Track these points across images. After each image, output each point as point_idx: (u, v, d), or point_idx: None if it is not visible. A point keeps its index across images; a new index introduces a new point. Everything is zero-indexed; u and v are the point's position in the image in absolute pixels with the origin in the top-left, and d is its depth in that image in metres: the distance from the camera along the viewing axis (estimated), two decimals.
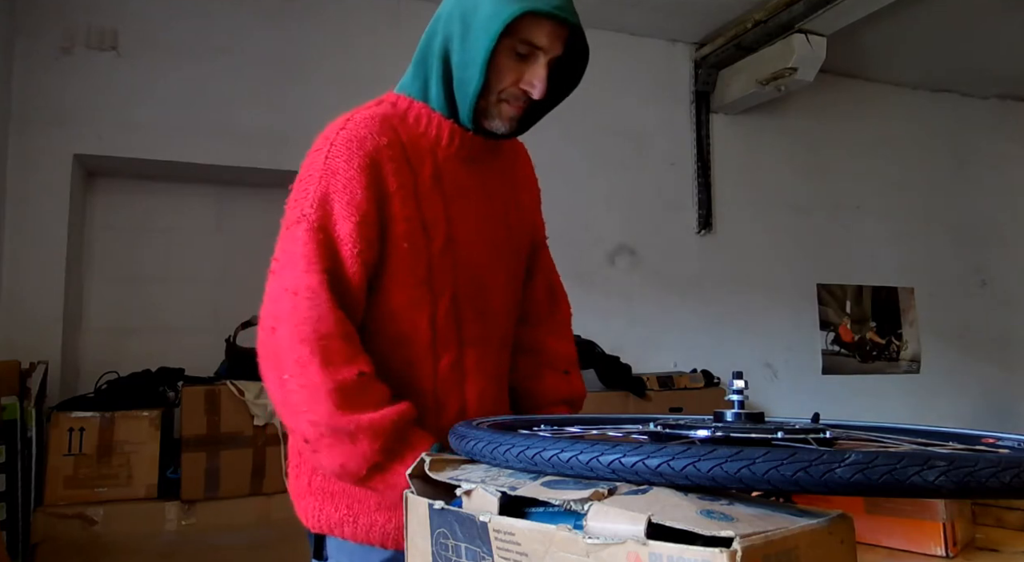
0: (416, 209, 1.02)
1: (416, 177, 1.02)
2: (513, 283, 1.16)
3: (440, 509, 0.74)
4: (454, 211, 1.05)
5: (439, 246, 1.03)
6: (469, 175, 1.08)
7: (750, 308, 3.67)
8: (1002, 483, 0.59)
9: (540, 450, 0.71)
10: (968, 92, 4.37)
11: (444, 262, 1.04)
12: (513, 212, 1.16)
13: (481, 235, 1.09)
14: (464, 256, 1.06)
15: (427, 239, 1.02)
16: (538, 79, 1.02)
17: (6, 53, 2.70)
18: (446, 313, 1.05)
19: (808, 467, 0.59)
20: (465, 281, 1.06)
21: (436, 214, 1.03)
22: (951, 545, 0.89)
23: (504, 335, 1.15)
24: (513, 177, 1.19)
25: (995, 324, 4.25)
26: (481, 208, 1.10)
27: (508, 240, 1.14)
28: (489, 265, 1.10)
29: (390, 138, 1.02)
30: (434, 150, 1.05)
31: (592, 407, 2.91)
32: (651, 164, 3.61)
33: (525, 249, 1.21)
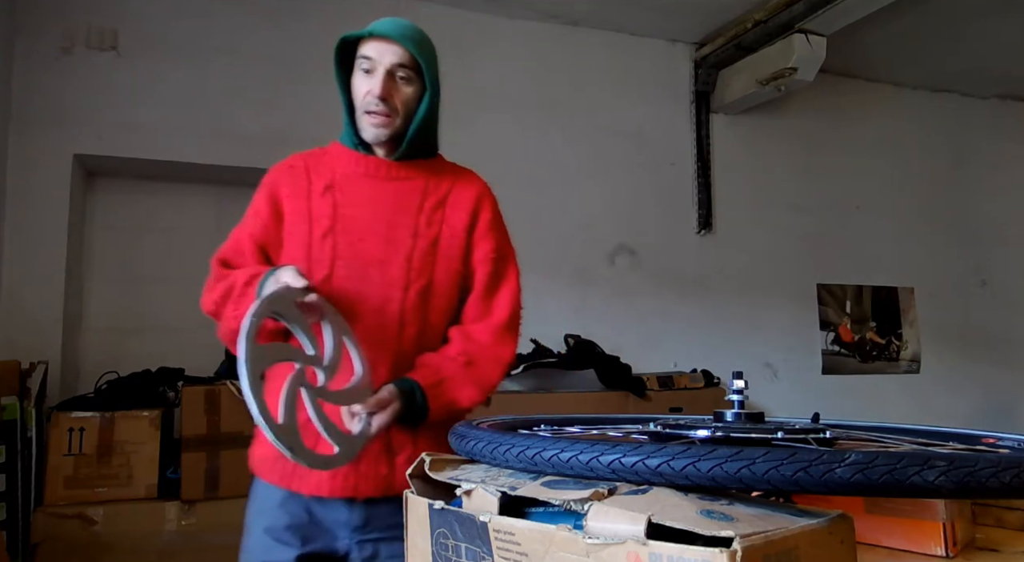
0: (305, 207, 1.32)
1: (310, 185, 1.34)
2: (419, 287, 1.31)
3: (440, 509, 0.74)
4: (343, 212, 1.31)
5: (319, 234, 1.30)
6: (370, 189, 1.33)
7: (750, 308, 3.67)
8: (1002, 483, 0.59)
9: (540, 450, 0.71)
10: (968, 92, 4.37)
11: (323, 247, 1.29)
12: (427, 226, 1.34)
13: (374, 234, 1.30)
14: (346, 246, 1.29)
15: (309, 228, 1.30)
16: (375, 84, 1.28)
17: (6, 53, 2.70)
18: (319, 287, 1.26)
19: (808, 467, 0.59)
20: (344, 266, 1.28)
21: (322, 212, 1.31)
22: (951, 545, 0.89)
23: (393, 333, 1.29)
24: (441, 198, 1.37)
25: (995, 324, 4.25)
26: (379, 214, 1.32)
27: (415, 245, 1.32)
28: (379, 260, 1.30)
29: (292, 164, 1.37)
30: (334, 168, 1.35)
31: (592, 407, 2.92)
32: (651, 164, 3.60)
33: (446, 259, 1.35)
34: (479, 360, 1.32)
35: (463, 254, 1.36)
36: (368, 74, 1.29)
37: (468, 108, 3.22)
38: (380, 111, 1.28)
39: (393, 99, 1.29)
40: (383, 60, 1.29)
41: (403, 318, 1.29)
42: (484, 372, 1.33)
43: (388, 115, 1.29)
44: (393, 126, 1.30)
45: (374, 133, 1.30)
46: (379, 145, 1.33)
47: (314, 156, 1.38)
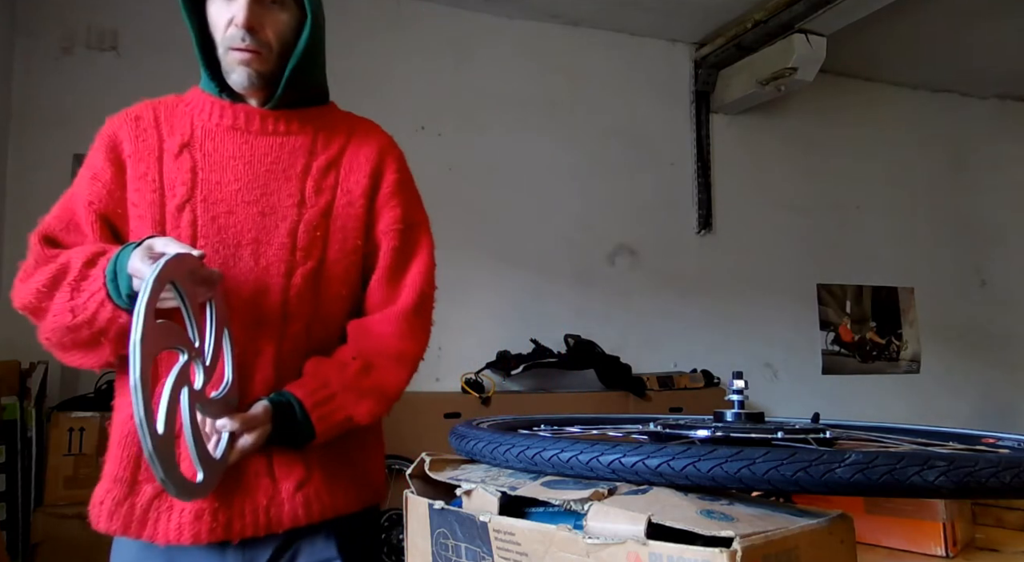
0: (155, 171, 1.06)
1: (161, 143, 1.07)
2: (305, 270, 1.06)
3: (440, 509, 0.74)
4: (206, 177, 1.05)
5: (173, 207, 1.04)
6: (239, 146, 1.07)
7: (750, 308, 3.67)
8: (1002, 483, 0.59)
9: (540, 450, 0.71)
10: (968, 92, 4.36)
11: (179, 223, 1.04)
12: (317, 191, 1.09)
13: (245, 205, 1.05)
14: (209, 222, 1.04)
15: (160, 199, 1.05)
16: (238, 11, 1.02)
17: (6, 53, 2.70)
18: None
19: (808, 467, 0.59)
20: (208, 247, 1.03)
21: (177, 177, 1.05)
22: (951, 545, 0.89)
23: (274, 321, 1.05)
24: (333, 157, 1.11)
25: (995, 324, 4.24)
26: (252, 179, 1.06)
27: (300, 217, 1.07)
28: (253, 238, 1.05)
29: (139, 114, 1.09)
30: (193, 120, 1.09)
31: (592, 407, 2.92)
32: (651, 164, 3.60)
33: (341, 234, 1.10)
34: (378, 362, 1.08)
35: (362, 226, 1.11)
36: (230, 5, 1.03)
37: (467, 108, 3.22)
38: (247, 46, 1.02)
39: (264, 30, 1.03)
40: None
41: (286, 311, 1.05)
42: (384, 377, 1.08)
43: (258, 50, 1.03)
44: (266, 64, 1.04)
45: (242, 75, 1.04)
46: (250, 91, 1.07)
47: (166, 105, 1.10)
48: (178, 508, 0.99)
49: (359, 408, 1.05)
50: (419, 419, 2.47)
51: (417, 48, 3.16)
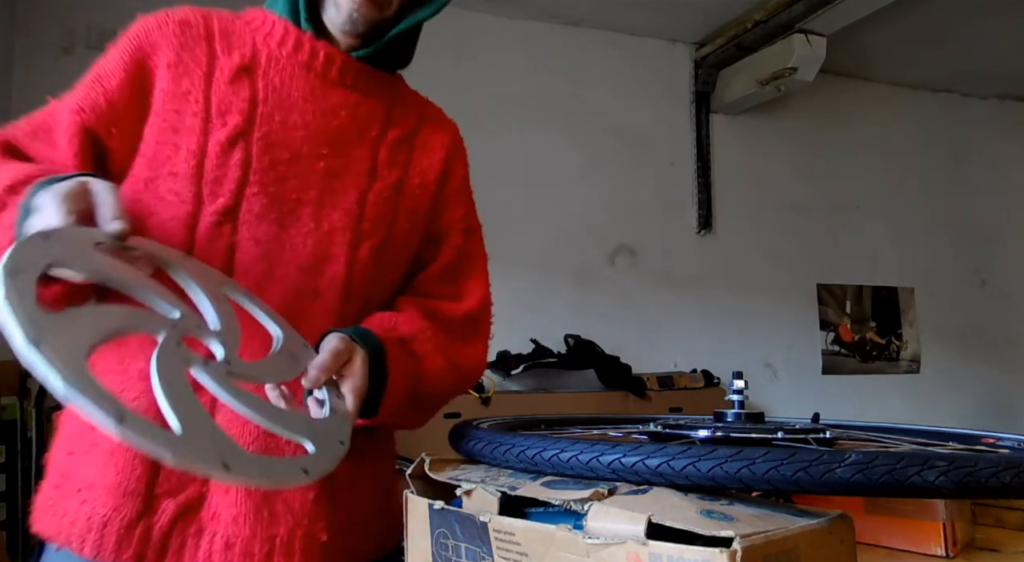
0: (199, 91, 0.84)
1: (213, 60, 0.86)
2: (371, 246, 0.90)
3: (440, 509, 0.74)
4: (269, 112, 0.86)
5: (225, 137, 0.83)
6: (312, 88, 0.89)
7: (750, 308, 3.67)
8: (1002, 483, 0.59)
9: (540, 450, 0.71)
10: (968, 92, 4.36)
11: (227, 161, 0.83)
12: (390, 167, 0.93)
13: (312, 157, 0.87)
14: (267, 167, 0.85)
15: (204, 125, 0.83)
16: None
17: (6, 53, 2.70)
18: (212, 226, 0.83)
19: (808, 467, 0.59)
20: (261, 196, 0.84)
21: (231, 103, 0.84)
22: (951, 545, 0.89)
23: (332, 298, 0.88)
24: (409, 132, 0.97)
25: (995, 324, 4.24)
26: (323, 129, 0.88)
27: (371, 185, 0.91)
28: (318, 194, 0.87)
29: (186, 18, 0.88)
30: (256, 42, 0.89)
31: (592, 407, 2.92)
32: (651, 164, 3.60)
33: (410, 214, 0.95)
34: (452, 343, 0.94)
35: (428, 213, 0.97)
36: None
37: (467, 108, 3.21)
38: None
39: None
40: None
41: (349, 288, 0.88)
42: (460, 352, 0.94)
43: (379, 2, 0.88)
44: (383, 13, 0.89)
45: (348, 14, 0.87)
46: (346, 35, 0.90)
47: (220, 17, 0.91)
48: (208, 533, 0.80)
49: (431, 363, 0.88)
50: None
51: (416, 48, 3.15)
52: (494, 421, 0.97)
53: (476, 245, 1.04)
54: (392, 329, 0.87)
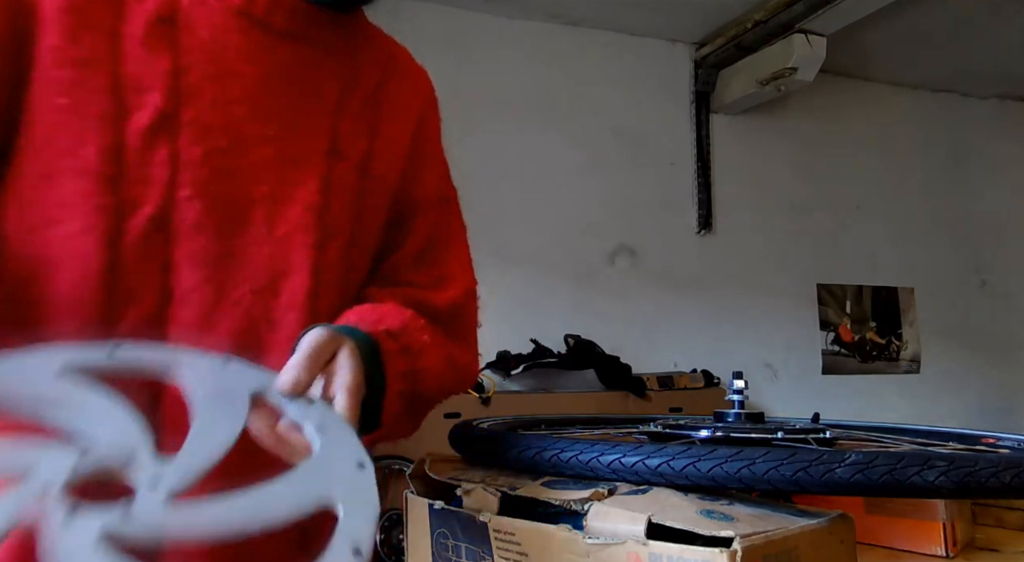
0: (104, 56, 0.63)
1: (121, 7, 0.64)
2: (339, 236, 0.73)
3: (440, 509, 0.74)
4: (198, 83, 0.65)
5: (144, 125, 0.63)
6: (252, 44, 0.68)
7: (750, 308, 3.67)
8: (1002, 483, 0.59)
9: (540, 450, 0.71)
10: (968, 92, 4.36)
11: (151, 156, 0.63)
12: (355, 139, 0.75)
13: (259, 140, 0.68)
14: (203, 158, 0.65)
15: (116, 106, 0.63)
16: None
17: None
18: (142, 239, 0.63)
19: (808, 467, 0.59)
20: (195, 204, 0.65)
21: (150, 73, 0.64)
22: (951, 545, 0.89)
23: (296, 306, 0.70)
24: (371, 89, 0.77)
25: (995, 324, 4.24)
26: (269, 99, 0.69)
27: (329, 174, 0.72)
28: (270, 188, 0.69)
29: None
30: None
31: (592, 407, 2.92)
32: (651, 164, 3.60)
33: (378, 197, 0.78)
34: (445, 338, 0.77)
35: (398, 184, 0.79)
36: None
37: (467, 108, 3.22)
38: None
39: None
40: None
41: (314, 307, 0.70)
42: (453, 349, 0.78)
43: None
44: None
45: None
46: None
47: None
48: None
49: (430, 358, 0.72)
50: None
51: (416, 48, 3.13)
52: (494, 421, 0.97)
53: (453, 218, 0.87)
54: (377, 322, 0.69)
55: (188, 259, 0.65)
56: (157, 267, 0.65)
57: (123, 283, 0.63)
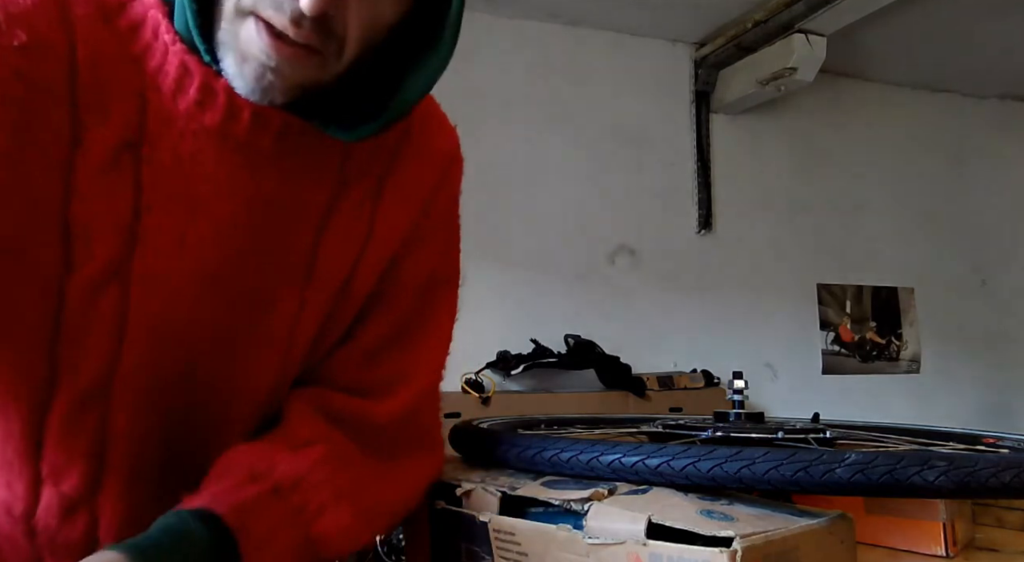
0: (55, 184, 0.51)
1: (80, 132, 0.51)
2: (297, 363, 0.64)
3: (440, 509, 0.74)
4: (155, 224, 0.54)
5: (91, 278, 0.53)
6: (225, 170, 0.55)
7: (750, 308, 3.67)
8: (1002, 483, 0.59)
9: (540, 450, 0.71)
10: (968, 92, 4.36)
11: (98, 313, 0.53)
12: (335, 261, 0.62)
13: (217, 287, 0.57)
14: (153, 314, 0.55)
15: (61, 252, 0.52)
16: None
17: None
18: (74, 411, 0.55)
19: (808, 467, 0.59)
20: (144, 361, 0.56)
21: (103, 217, 0.52)
22: (951, 545, 0.89)
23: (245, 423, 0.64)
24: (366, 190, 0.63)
25: (995, 324, 4.24)
26: (243, 235, 0.57)
27: (301, 306, 0.61)
28: (223, 345, 0.59)
29: (38, 38, 0.49)
30: (146, 96, 0.53)
31: (592, 407, 2.92)
32: (651, 164, 3.60)
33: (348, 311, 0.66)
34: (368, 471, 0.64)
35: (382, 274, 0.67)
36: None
37: (467, 108, 3.21)
38: (298, 38, 0.50)
39: (343, 17, 0.50)
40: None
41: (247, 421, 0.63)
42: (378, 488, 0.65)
43: (316, 51, 0.51)
44: (318, 74, 0.53)
45: (257, 79, 0.51)
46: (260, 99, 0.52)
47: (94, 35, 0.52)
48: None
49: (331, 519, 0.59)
50: None
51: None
52: (494, 421, 0.97)
53: (439, 304, 0.74)
54: (262, 475, 0.57)
55: (123, 438, 0.57)
56: (83, 448, 0.56)
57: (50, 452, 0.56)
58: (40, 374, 0.54)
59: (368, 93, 0.58)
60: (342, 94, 0.57)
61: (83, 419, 0.56)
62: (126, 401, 0.56)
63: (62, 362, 0.54)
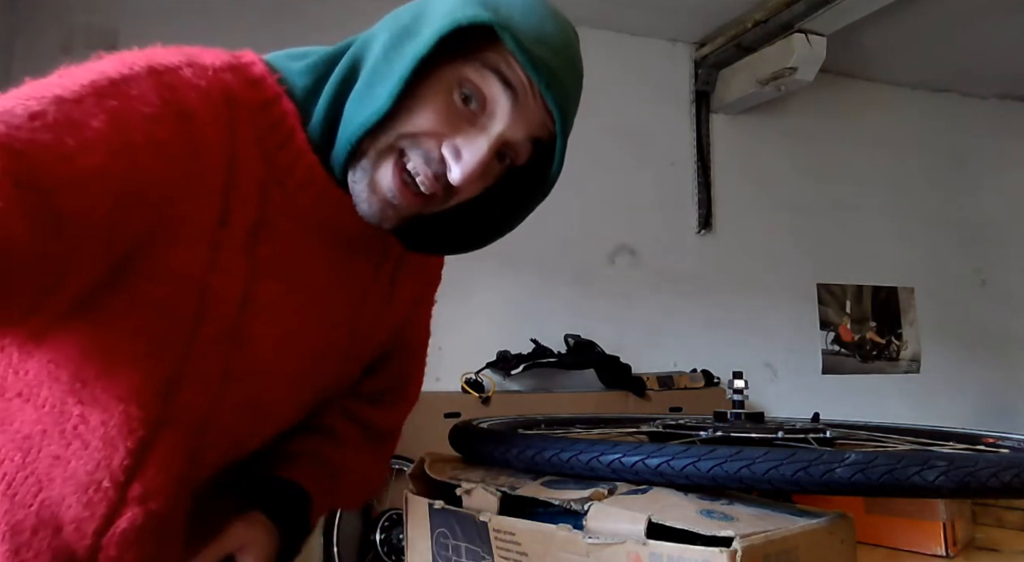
0: (202, 266, 0.60)
1: (226, 217, 0.60)
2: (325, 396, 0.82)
3: (440, 509, 0.74)
4: (263, 293, 0.65)
5: (214, 335, 0.63)
6: (316, 251, 0.68)
7: (750, 308, 3.67)
8: (1002, 483, 0.59)
9: (540, 450, 0.71)
10: (968, 92, 4.36)
11: (213, 364, 0.64)
12: (371, 315, 0.78)
13: (298, 340, 0.70)
14: (251, 362, 0.67)
15: (197, 315, 0.61)
16: (475, 153, 0.61)
17: (6, 53, 2.70)
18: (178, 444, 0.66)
19: (808, 467, 0.59)
20: (238, 397, 0.68)
21: (228, 286, 0.62)
22: (951, 545, 0.89)
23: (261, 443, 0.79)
24: (395, 261, 0.78)
25: (995, 324, 4.24)
26: (316, 304, 0.70)
27: (347, 351, 0.78)
28: (294, 381, 0.73)
29: (221, 138, 0.59)
30: (269, 187, 0.62)
31: (592, 407, 2.92)
32: (651, 164, 3.60)
33: (366, 358, 0.85)
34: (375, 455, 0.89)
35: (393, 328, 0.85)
36: (462, 115, 0.62)
37: None
38: (432, 183, 0.62)
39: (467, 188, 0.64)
40: (510, 118, 0.62)
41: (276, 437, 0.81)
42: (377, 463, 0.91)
43: (431, 196, 0.64)
44: (422, 209, 0.66)
45: (378, 211, 0.64)
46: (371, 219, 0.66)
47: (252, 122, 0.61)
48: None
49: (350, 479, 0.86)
50: (419, 419, 2.46)
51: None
52: (494, 421, 0.97)
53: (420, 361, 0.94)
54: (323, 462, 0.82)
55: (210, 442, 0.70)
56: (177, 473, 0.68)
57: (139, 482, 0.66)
58: (154, 414, 0.63)
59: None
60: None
61: (182, 451, 0.67)
62: (217, 434, 0.69)
63: (175, 404, 0.64)
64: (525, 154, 0.67)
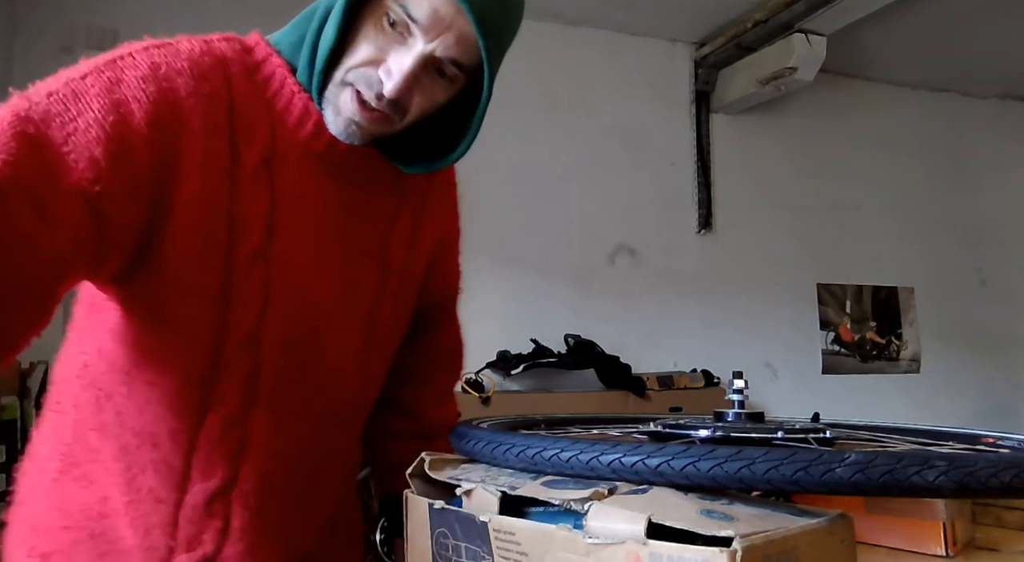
0: (225, 196, 0.72)
1: (236, 154, 0.73)
2: (378, 344, 0.88)
3: (440, 509, 0.74)
4: (284, 218, 0.76)
5: (245, 257, 0.74)
6: (327, 181, 0.79)
7: (750, 308, 3.67)
8: (1002, 483, 0.59)
9: (540, 450, 0.71)
10: (968, 92, 4.36)
11: (249, 277, 0.74)
12: (400, 250, 0.88)
13: (326, 266, 0.80)
14: (286, 283, 0.77)
15: (231, 238, 0.73)
16: (400, 67, 0.71)
17: (6, 53, 2.70)
18: (236, 351, 0.76)
19: (808, 467, 0.59)
20: (282, 317, 0.77)
21: (252, 212, 0.74)
22: (951, 545, 0.89)
23: (347, 412, 0.89)
24: (416, 203, 0.89)
25: (995, 324, 4.24)
26: (336, 232, 0.81)
27: (381, 285, 0.86)
28: (331, 309, 0.81)
29: (214, 89, 0.72)
30: (275, 127, 0.76)
31: (592, 407, 2.92)
32: (651, 164, 3.60)
33: (412, 300, 0.93)
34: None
35: (426, 293, 0.97)
36: (391, 38, 0.72)
37: None
38: (377, 109, 0.74)
39: (410, 100, 0.75)
40: (431, 34, 0.71)
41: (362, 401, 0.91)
42: None
43: (387, 117, 0.75)
44: (385, 129, 0.77)
45: (346, 128, 0.75)
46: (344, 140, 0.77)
47: (248, 79, 0.76)
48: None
49: None
50: None
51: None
52: (494, 421, 0.97)
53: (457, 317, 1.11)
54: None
55: (271, 369, 0.78)
56: (245, 374, 0.77)
57: (217, 386, 0.76)
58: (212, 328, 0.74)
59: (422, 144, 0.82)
60: (401, 142, 0.81)
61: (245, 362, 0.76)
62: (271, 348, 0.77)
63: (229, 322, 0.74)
64: (467, 72, 0.76)
